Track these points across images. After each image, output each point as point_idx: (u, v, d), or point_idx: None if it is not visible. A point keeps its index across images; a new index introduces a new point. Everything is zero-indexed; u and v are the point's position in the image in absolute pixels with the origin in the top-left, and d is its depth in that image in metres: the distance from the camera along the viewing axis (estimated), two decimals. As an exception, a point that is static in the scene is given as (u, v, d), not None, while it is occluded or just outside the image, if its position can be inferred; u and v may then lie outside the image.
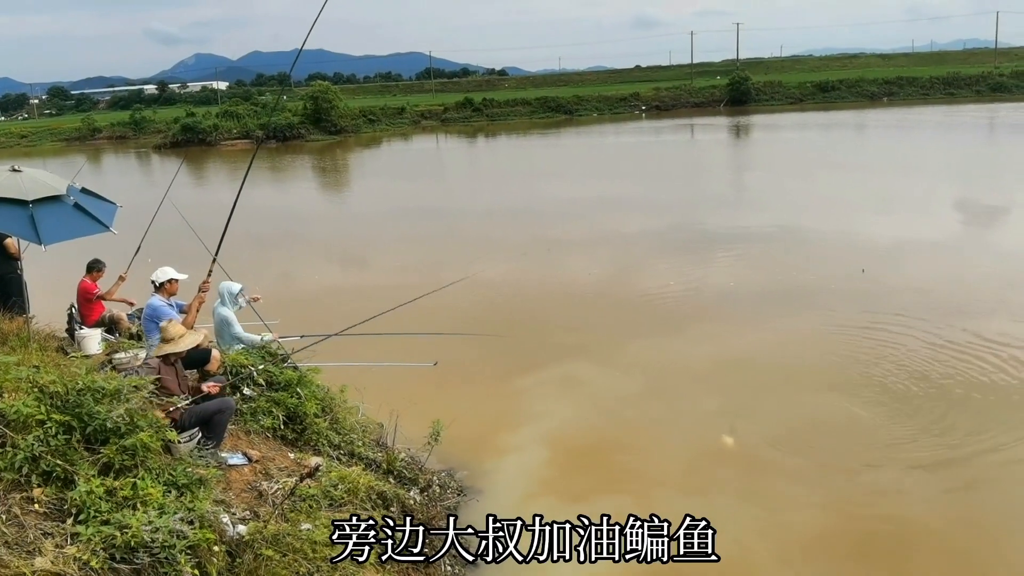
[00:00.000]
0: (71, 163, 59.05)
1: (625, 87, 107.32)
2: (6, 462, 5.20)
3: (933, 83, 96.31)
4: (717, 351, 14.45)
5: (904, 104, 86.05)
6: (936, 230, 23.58)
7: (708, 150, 54.89)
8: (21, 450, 5.27)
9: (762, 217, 26.47)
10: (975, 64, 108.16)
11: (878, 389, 12.20)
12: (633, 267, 21.33)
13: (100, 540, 4.99)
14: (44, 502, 5.22)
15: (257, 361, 9.24)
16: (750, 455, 10.70)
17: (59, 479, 5.36)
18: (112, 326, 11.33)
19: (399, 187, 41.48)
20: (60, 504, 5.25)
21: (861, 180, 33.53)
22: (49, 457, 5.36)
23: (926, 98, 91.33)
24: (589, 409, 12.28)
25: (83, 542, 4.96)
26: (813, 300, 16.97)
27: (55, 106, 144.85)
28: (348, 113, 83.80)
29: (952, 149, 45.73)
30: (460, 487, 9.95)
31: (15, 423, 5.44)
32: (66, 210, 9.35)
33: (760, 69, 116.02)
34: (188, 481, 5.91)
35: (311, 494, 7.11)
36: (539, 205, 32.06)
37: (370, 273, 22.58)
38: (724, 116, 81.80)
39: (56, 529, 5.06)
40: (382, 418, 10.59)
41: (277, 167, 56.70)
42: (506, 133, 77.39)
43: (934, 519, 9.03)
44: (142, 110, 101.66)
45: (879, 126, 63.65)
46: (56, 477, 5.35)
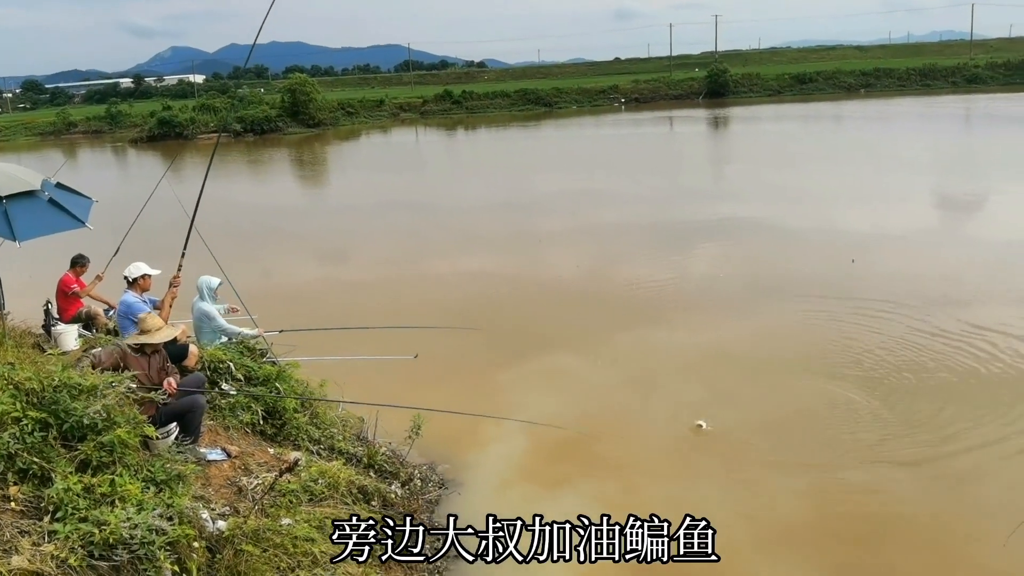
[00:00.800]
0: (46, 158, 58.46)
1: (604, 79, 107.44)
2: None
3: (910, 75, 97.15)
4: (701, 341, 14.53)
5: (881, 96, 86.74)
6: (920, 220, 23.84)
7: (688, 142, 55.14)
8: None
9: (744, 209, 26.59)
10: (951, 56, 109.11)
11: (864, 379, 12.28)
12: (615, 259, 21.37)
13: (78, 538, 4.95)
14: (21, 500, 5.17)
15: (236, 356, 9.19)
16: (732, 443, 10.77)
17: (36, 477, 5.31)
18: (89, 322, 11.23)
19: (379, 181, 41.33)
20: (37, 502, 5.21)
21: (841, 172, 33.76)
22: (25, 455, 5.32)
23: (902, 89, 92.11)
24: (571, 400, 12.31)
25: (61, 540, 4.92)
26: (800, 290, 17.07)
27: (29, 100, 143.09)
28: (326, 106, 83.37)
29: (930, 140, 46.17)
30: (442, 480, 9.96)
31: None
32: (41, 206, 9.25)
33: (738, 61, 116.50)
34: (167, 477, 5.88)
35: (291, 489, 7.08)
36: (520, 198, 32.08)
37: (350, 268, 22.51)
38: (703, 108, 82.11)
39: (33, 527, 5.02)
40: (363, 412, 10.57)
41: (255, 161, 56.36)
42: (486, 126, 77.32)
43: (913, 507, 9.12)
44: (118, 104, 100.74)
45: (857, 118, 64.15)
46: (33, 475, 5.31)
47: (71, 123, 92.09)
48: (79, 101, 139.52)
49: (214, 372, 8.86)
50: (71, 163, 59.39)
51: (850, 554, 8.36)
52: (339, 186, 43.43)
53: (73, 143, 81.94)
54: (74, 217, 9.54)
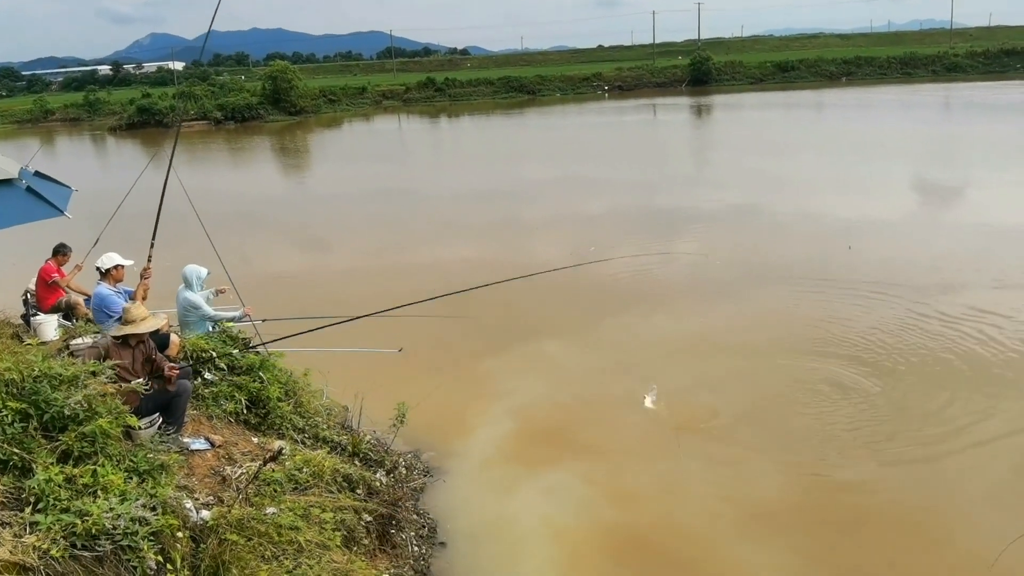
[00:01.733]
0: (23, 146, 57.74)
1: (588, 67, 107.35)
2: (-39, 451, 5.10)
3: (890, 63, 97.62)
4: (687, 327, 14.60)
5: (862, 84, 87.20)
6: (905, 206, 24.05)
7: (672, 130, 55.25)
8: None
9: (729, 196, 26.70)
10: (931, 44, 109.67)
11: (853, 363, 12.38)
12: (600, 247, 21.36)
13: (60, 528, 4.90)
14: (1, 491, 5.12)
15: (218, 346, 9.13)
16: (717, 427, 10.86)
17: (16, 468, 5.25)
18: (69, 312, 11.12)
19: (361, 169, 41.13)
20: (18, 493, 5.15)
21: (824, 159, 34.00)
22: (5, 446, 5.26)
23: (884, 78, 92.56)
24: (556, 387, 12.34)
25: (43, 531, 4.87)
26: (788, 275, 17.22)
27: (5, 87, 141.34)
28: (308, 93, 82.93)
29: (912, 128, 46.39)
30: (427, 468, 9.97)
31: (-31, 412, 5.33)
32: (18, 194, 9.09)
33: (721, 49, 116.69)
34: (150, 467, 5.83)
35: (275, 478, 7.05)
36: (504, 186, 32.05)
37: (333, 256, 22.40)
38: (686, 96, 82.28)
39: (14, 518, 4.97)
40: (347, 401, 10.55)
41: (236, 149, 55.96)
42: (469, 114, 77.13)
43: (895, 492, 9.20)
44: (96, 91, 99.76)
45: (839, 106, 64.44)
46: (13, 466, 5.24)
47: (48, 111, 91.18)
48: (57, 88, 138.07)
49: (197, 361, 8.80)
50: (49, 151, 58.78)
51: (835, 539, 8.43)
52: (322, 174, 43.19)
53: (51, 131, 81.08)
54: (52, 206, 9.39)
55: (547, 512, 9.01)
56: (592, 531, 8.73)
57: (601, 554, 8.37)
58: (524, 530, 8.68)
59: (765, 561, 8.09)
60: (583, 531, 8.74)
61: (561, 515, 8.97)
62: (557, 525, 8.78)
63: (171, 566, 5.31)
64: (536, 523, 8.79)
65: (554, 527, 8.74)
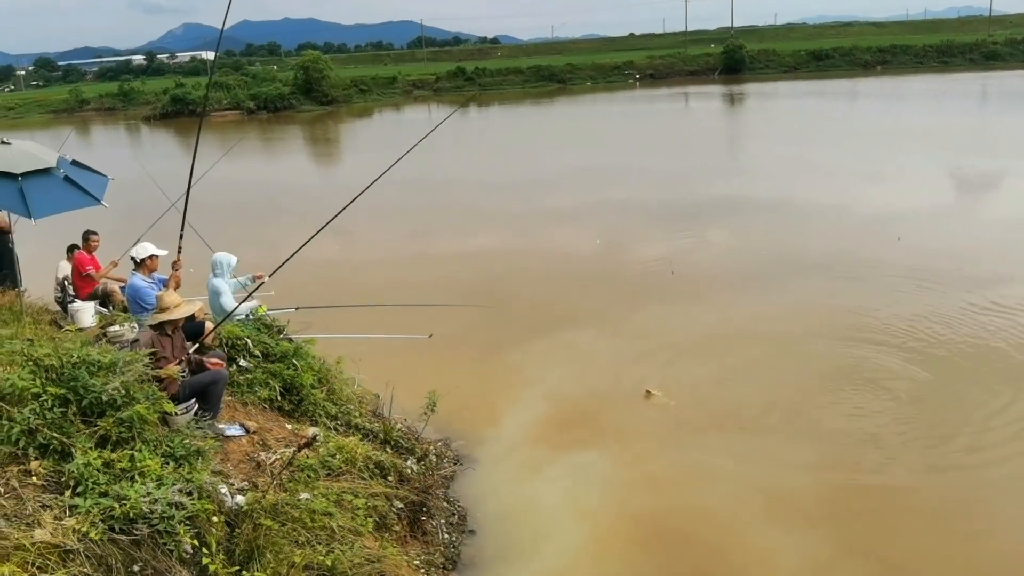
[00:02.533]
0: (60, 136, 58.46)
1: (619, 55, 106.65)
2: (3, 435, 5.20)
3: (927, 51, 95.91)
4: (718, 318, 14.46)
5: (897, 72, 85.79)
6: (948, 197, 23.70)
7: (704, 119, 54.69)
8: (17, 423, 5.27)
9: (763, 185, 26.44)
10: (969, 32, 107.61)
11: (900, 355, 12.21)
12: (631, 237, 21.28)
13: (99, 512, 5.00)
14: (42, 475, 5.22)
15: (253, 333, 9.22)
16: (749, 417, 10.80)
17: (56, 452, 5.35)
18: (106, 299, 11.28)
19: (391, 159, 41.02)
20: (58, 477, 5.25)
21: (859, 149, 33.40)
22: (46, 430, 5.36)
23: (919, 66, 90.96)
24: (585, 375, 12.32)
25: (82, 514, 4.97)
26: (827, 266, 16.97)
27: (42, 78, 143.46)
28: (339, 83, 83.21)
29: (949, 117, 45.56)
30: (456, 456, 10.01)
31: (10, 396, 5.43)
32: (56, 183, 9.24)
33: (754, 37, 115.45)
34: (186, 452, 5.92)
35: (309, 464, 7.12)
36: (533, 176, 31.93)
37: (363, 246, 22.48)
38: (718, 85, 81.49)
39: (54, 501, 5.06)
40: (378, 389, 10.62)
41: (268, 138, 56.35)
42: (499, 103, 76.97)
43: (927, 493, 9.06)
44: (130, 81, 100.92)
45: (874, 95, 63.47)
46: (53, 450, 5.35)
47: (84, 100, 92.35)
48: (92, 78, 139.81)
49: (232, 348, 8.90)
50: (85, 140, 59.59)
51: (867, 532, 8.35)
52: (352, 164, 43.33)
53: (86, 120, 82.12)
54: (89, 195, 9.53)
55: (576, 500, 9.02)
56: (621, 519, 8.73)
57: (629, 542, 8.37)
58: (553, 518, 8.69)
59: (793, 548, 8.06)
60: (611, 518, 8.74)
61: (590, 502, 8.98)
62: (586, 513, 8.79)
63: (206, 550, 5.39)
64: (565, 512, 8.80)
65: (583, 515, 8.75)
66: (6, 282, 10.65)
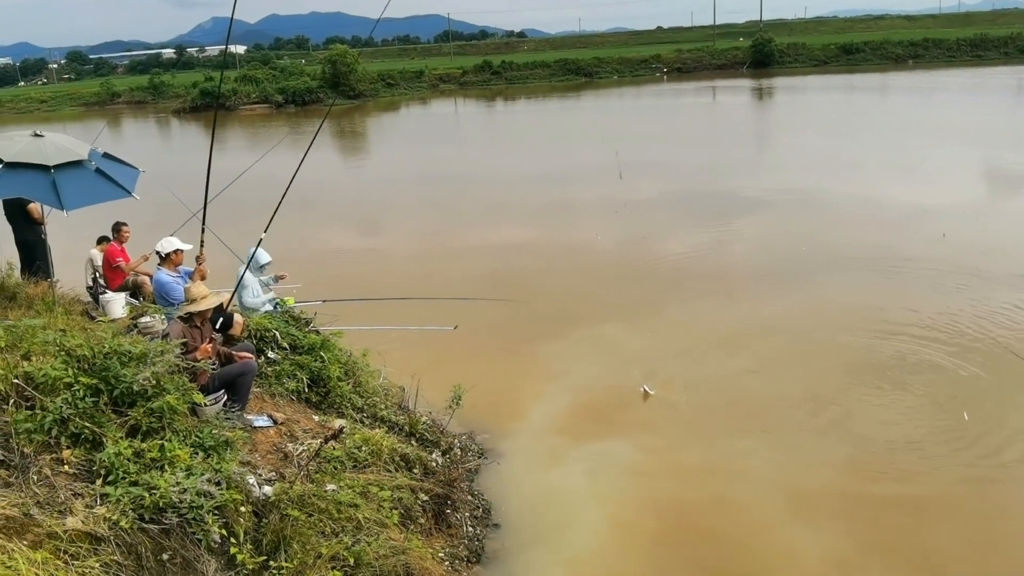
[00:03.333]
0: (91, 128, 59.17)
1: (646, 49, 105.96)
2: (36, 424, 5.27)
3: (960, 45, 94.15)
4: (750, 313, 14.35)
5: (929, 67, 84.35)
6: (982, 193, 23.29)
7: (732, 113, 54.16)
8: (50, 412, 5.34)
9: (794, 179, 26.13)
10: (1004, 25, 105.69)
11: (946, 353, 12.05)
12: (659, 232, 21.17)
13: (129, 501, 5.06)
14: (73, 463, 5.29)
15: (281, 325, 9.29)
16: (776, 410, 10.78)
17: (88, 441, 5.42)
18: (136, 290, 11.40)
19: (417, 152, 41.26)
20: (89, 465, 5.32)
21: (891, 143, 32.91)
22: (78, 419, 5.42)
23: (952, 61, 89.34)
24: (610, 369, 12.32)
25: (113, 503, 5.03)
26: (861, 261, 16.76)
27: (74, 71, 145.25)
28: (366, 77, 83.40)
29: (983, 112, 44.70)
30: (481, 449, 10.03)
31: (43, 386, 5.51)
32: (88, 175, 9.32)
33: (784, 31, 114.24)
34: (215, 443, 5.98)
35: (336, 456, 7.18)
36: (558, 170, 31.83)
37: (389, 239, 22.58)
38: (747, 79, 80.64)
39: (86, 490, 5.14)
40: (403, 382, 10.66)
41: (296, 132, 56.63)
42: (525, 96, 76.78)
43: (959, 493, 8.95)
44: (160, 75, 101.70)
45: (906, 89, 62.44)
46: (85, 439, 5.42)
47: (115, 93, 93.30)
48: (122, 72, 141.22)
49: (260, 340, 8.97)
50: (116, 133, 60.21)
51: (896, 530, 8.28)
52: (379, 158, 43.49)
53: (117, 113, 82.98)
54: (121, 187, 9.62)
55: (601, 496, 9.02)
56: (644, 514, 8.72)
57: (653, 537, 8.35)
58: (577, 514, 8.69)
59: (818, 544, 8.05)
60: (635, 514, 8.72)
61: (614, 498, 8.98)
62: (610, 509, 8.78)
63: (234, 540, 5.45)
64: (590, 508, 8.80)
65: (607, 510, 8.74)
66: (39, 273, 10.77)
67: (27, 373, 5.55)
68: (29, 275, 10.72)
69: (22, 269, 10.99)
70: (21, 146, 8.90)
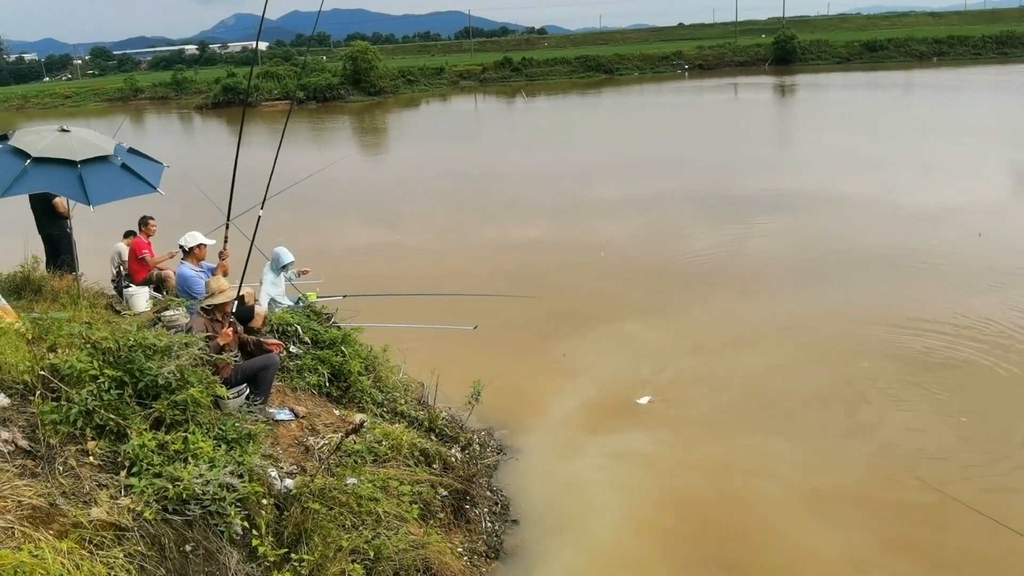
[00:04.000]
0: (115, 124, 59.69)
1: (667, 45, 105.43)
2: (61, 415, 5.33)
3: (986, 42, 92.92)
4: (767, 313, 14.28)
5: (954, 64, 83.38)
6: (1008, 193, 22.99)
7: (753, 110, 53.80)
8: (75, 404, 5.40)
9: (815, 178, 25.91)
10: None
11: (961, 353, 11.97)
12: (678, 230, 21.09)
13: (153, 492, 5.12)
14: (98, 455, 5.35)
15: (303, 320, 9.35)
16: (794, 409, 10.74)
17: (112, 433, 5.48)
18: (160, 284, 11.50)
19: (437, 149, 41.29)
20: (114, 457, 5.38)
21: (915, 142, 32.57)
22: (102, 411, 5.48)
23: (978, 58, 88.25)
24: (630, 366, 12.30)
25: (137, 494, 5.09)
26: (891, 260, 16.63)
27: (97, 67, 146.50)
28: (387, 74, 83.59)
29: (1010, 110, 44.11)
30: (500, 445, 10.05)
31: (69, 378, 5.57)
32: (114, 171, 9.41)
33: (806, 27, 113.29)
34: (237, 436, 6.03)
35: (356, 450, 7.22)
36: (579, 167, 31.77)
37: (408, 236, 22.63)
38: (769, 75, 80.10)
39: (110, 481, 5.20)
40: (423, 377, 10.70)
41: (316, 128, 56.89)
42: (545, 93, 76.67)
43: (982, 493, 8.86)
44: (183, 71, 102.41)
45: (931, 86, 61.71)
46: (109, 431, 5.48)
47: (138, 89, 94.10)
48: (145, 68, 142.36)
49: (282, 335, 9.03)
50: (139, 128, 60.69)
51: (915, 531, 8.23)
52: (398, 154, 43.58)
53: (140, 109, 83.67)
54: (146, 182, 9.71)
55: (620, 493, 9.01)
56: (665, 511, 8.71)
57: (672, 535, 8.34)
58: (596, 512, 8.69)
59: (835, 540, 8.03)
60: (655, 510, 8.72)
61: (634, 493, 8.98)
62: (630, 504, 8.79)
63: (256, 532, 5.49)
64: (608, 505, 8.79)
65: (627, 506, 8.75)
66: (64, 267, 10.89)
67: (53, 365, 5.61)
68: (54, 268, 10.84)
69: (47, 262, 11.12)
70: (48, 141, 9.00)
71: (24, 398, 5.53)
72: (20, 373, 5.60)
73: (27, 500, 4.73)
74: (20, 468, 4.99)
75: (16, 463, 5.02)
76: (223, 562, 5.21)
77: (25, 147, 8.81)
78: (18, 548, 4.30)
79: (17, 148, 8.82)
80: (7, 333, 6.53)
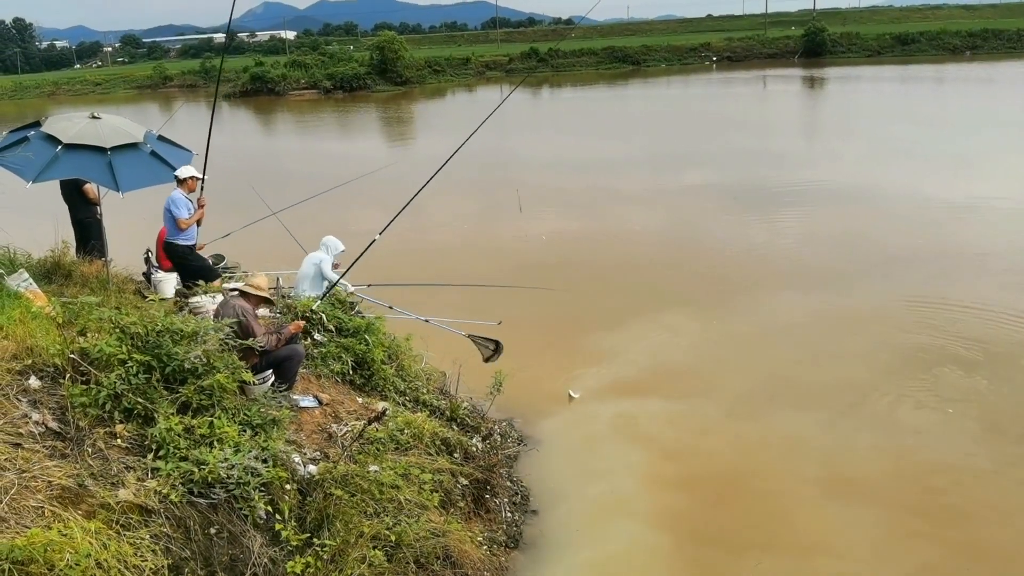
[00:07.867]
0: (144, 111, 60.30)
1: (695, 37, 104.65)
2: (91, 399, 5.42)
3: (1021, 36, 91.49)
4: (809, 304, 14.29)
5: (988, 58, 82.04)
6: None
7: (782, 103, 53.26)
8: (104, 388, 5.49)
9: (846, 172, 25.58)
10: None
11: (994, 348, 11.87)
12: (704, 222, 20.97)
13: (179, 475, 5.21)
14: (126, 438, 5.44)
15: (327, 308, 9.43)
16: (816, 395, 10.76)
17: (140, 416, 5.58)
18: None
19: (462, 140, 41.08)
20: (141, 440, 5.47)
21: (952, 136, 32.10)
22: (130, 395, 5.57)
23: (1012, 52, 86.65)
24: (653, 359, 12.33)
25: (163, 476, 5.18)
26: (924, 258, 16.50)
27: (127, 54, 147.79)
28: (413, 64, 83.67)
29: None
30: (520, 436, 10.09)
31: (99, 362, 5.66)
32: (143, 158, 9.52)
33: (837, 20, 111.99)
34: (262, 421, 6.10)
35: (378, 437, 7.28)
36: (604, 159, 31.64)
37: (432, 227, 22.64)
38: (798, 68, 79.21)
39: (138, 463, 5.29)
40: (445, 367, 10.75)
41: (343, 117, 57.10)
42: (571, 84, 76.39)
43: (1004, 483, 8.83)
44: (212, 59, 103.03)
45: (963, 80, 60.80)
46: (137, 414, 5.57)
47: (167, 77, 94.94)
48: (174, 56, 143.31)
49: (307, 322, 9.11)
50: (167, 115, 61.13)
51: (930, 519, 8.22)
52: (424, 143, 43.58)
53: (169, 96, 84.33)
54: (174, 169, 9.82)
55: (642, 484, 9.03)
56: (687, 505, 8.71)
57: (696, 528, 8.34)
58: (615, 503, 8.72)
59: (850, 522, 8.10)
60: (677, 503, 8.72)
61: (655, 486, 8.99)
62: (651, 496, 8.81)
63: (279, 516, 5.57)
64: (628, 497, 8.82)
65: (649, 498, 8.77)
66: (93, 252, 11.02)
67: (83, 349, 5.71)
68: (84, 254, 10.98)
69: (77, 248, 11.26)
70: (79, 128, 9.11)
71: (55, 381, 5.63)
72: (51, 356, 5.70)
73: (57, 481, 4.83)
74: (50, 449, 5.09)
75: (46, 444, 5.12)
76: (247, 545, 5.29)
77: (57, 133, 8.93)
78: (48, 527, 4.40)
79: (49, 135, 8.94)
80: (38, 317, 6.64)
